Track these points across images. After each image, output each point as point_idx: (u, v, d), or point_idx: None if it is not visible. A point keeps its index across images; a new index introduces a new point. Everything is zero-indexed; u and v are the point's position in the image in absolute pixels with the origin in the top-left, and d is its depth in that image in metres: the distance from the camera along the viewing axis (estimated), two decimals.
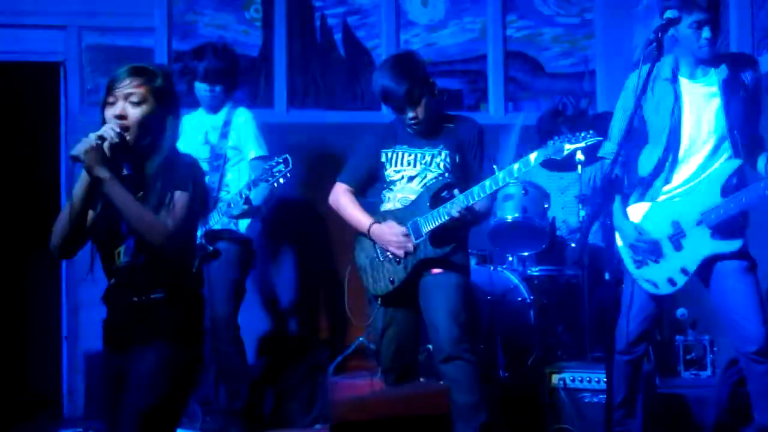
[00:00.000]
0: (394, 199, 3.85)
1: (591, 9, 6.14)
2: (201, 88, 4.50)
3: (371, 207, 3.91)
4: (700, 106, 3.39)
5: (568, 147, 3.49)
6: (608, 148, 3.61)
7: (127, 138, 2.60)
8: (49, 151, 5.64)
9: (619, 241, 3.54)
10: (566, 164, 4.96)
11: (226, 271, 4.34)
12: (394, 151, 3.86)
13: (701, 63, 3.40)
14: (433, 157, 3.80)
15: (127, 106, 2.61)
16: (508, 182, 3.65)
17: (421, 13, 6.03)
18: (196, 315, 2.73)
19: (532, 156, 3.54)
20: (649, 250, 3.42)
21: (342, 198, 3.95)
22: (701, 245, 3.33)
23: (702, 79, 3.41)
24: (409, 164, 3.82)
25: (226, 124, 4.48)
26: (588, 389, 3.99)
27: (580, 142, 3.48)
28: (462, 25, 6.05)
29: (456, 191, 3.69)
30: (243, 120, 4.52)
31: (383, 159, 3.87)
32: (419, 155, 3.81)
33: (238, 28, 5.83)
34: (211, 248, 4.26)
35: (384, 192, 3.90)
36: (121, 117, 2.60)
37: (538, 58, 6.11)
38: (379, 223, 3.79)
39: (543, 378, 4.08)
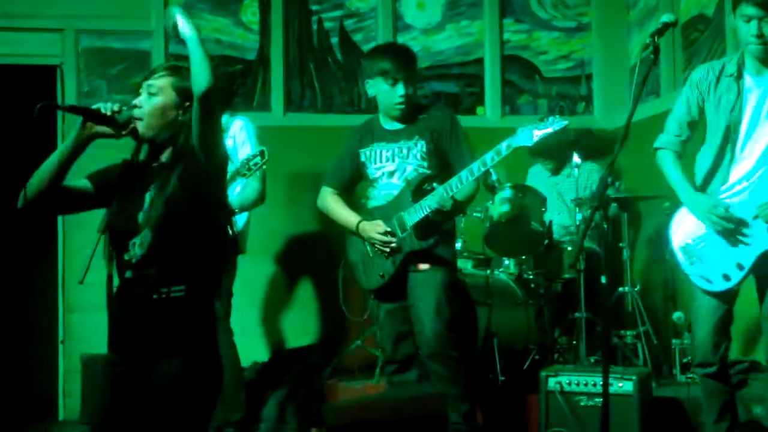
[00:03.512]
0: (378, 196, 3.96)
1: (587, 13, 6.16)
2: None
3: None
4: (761, 103, 3.36)
5: (537, 133, 3.53)
6: (663, 139, 3.58)
7: (138, 127, 2.56)
8: (46, 154, 5.63)
9: (674, 242, 3.51)
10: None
11: None
12: (371, 149, 3.98)
13: (765, 59, 3.36)
14: (409, 149, 3.89)
15: (144, 96, 2.60)
16: (483, 171, 3.67)
17: (417, 16, 6.04)
18: (215, 314, 2.65)
19: (504, 145, 3.59)
20: (725, 223, 3.31)
21: (328, 200, 4.08)
22: (757, 240, 3.29)
23: (766, 76, 3.38)
24: (387, 160, 3.93)
25: (223, 131, 4.46)
26: (584, 393, 3.99)
27: (548, 128, 3.51)
28: (458, 28, 6.06)
29: (435, 183, 3.76)
30: (239, 127, 4.49)
31: (363, 158, 4.00)
32: (396, 149, 3.92)
33: (234, 31, 5.83)
34: None
35: (369, 189, 4.03)
36: (135, 106, 2.58)
37: (535, 61, 6.12)
38: (367, 220, 3.89)
39: (539, 381, 4.08)
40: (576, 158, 4.95)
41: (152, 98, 2.59)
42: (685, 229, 3.48)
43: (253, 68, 5.85)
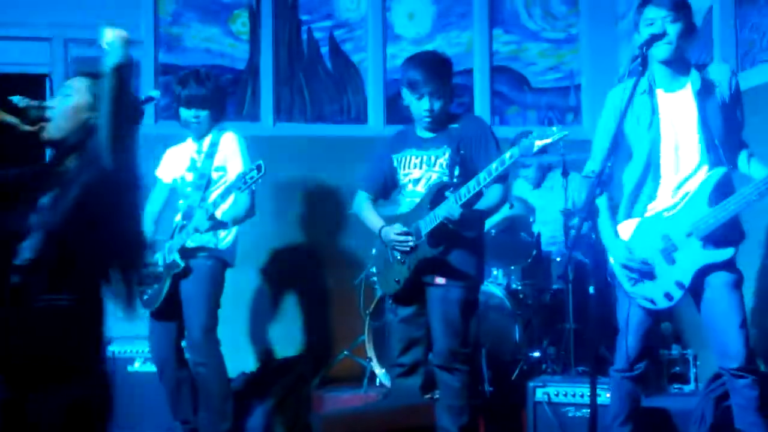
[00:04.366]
0: (404, 203, 4.00)
1: (576, 24, 6.18)
2: (185, 114, 4.44)
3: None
4: (678, 117, 3.37)
5: (538, 143, 3.51)
6: (590, 167, 3.62)
7: (48, 128, 2.54)
8: (35, 163, 5.61)
9: (611, 259, 3.54)
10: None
11: (201, 286, 4.30)
12: (403, 155, 4.01)
13: (676, 74, 3.38)
14: (436, 157, 3.92)
15: (59, 97, 2.59)
16: (489, 180, 3.66)
17: (407, 27, 6.05)
18: (102, 332, 2.51)
19: (507, 155, 3.60)
20: (641, 269, 3.41)
21: (361, 205, 4.14)
22: (694, 257, 3.31)
23: (678, 90, 3.38)
24: (415, 167, 3.96)
25: (213, 145, 4.42)
26: (572, 403, 3.99)
27: (548, 138, 3.50)
28: (448, 39, 6.07)
29: (449, 192, 3.77)
30: (229, 140, 4.44)
31: (395, 164, 4.04)
32: (425, 157, 3.95)
33: (224, 41, 5.84)
34: (182, 265, 4.24)
35: (398, 196, 4.07)
36: (48, 106, 2.58)
37: (524, 72, 6.14)
38: (388, 225, 3.94)
39: (527, 392, 4.08)
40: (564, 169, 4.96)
41: (66, 99, 2.58)
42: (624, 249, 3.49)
43: (243, 78, 5.85)
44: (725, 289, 3.31)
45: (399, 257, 3.91)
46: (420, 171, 3.95)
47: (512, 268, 5.00)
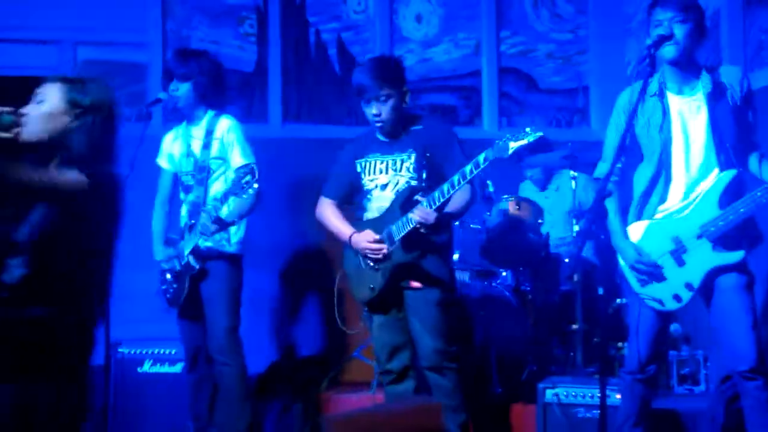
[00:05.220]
0: (371, 209, 3.96)
1: (584, 25, 6.18)
2: (169, 89, 4.36)
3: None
4: (689, 120, 3.37)
5: (513, 145, 3.49)
6: (602, 169, 3.61)
7: (22, 133, 2.56)
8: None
9: (621, 260, 3.53)
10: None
11: (219, 288, 4.30)
12: (366, 160, 3.97)
13: (687, 76, 3.38)
14: (402, 162, 3.89)
15: (32, 104, 2.62)
16: (464, 183, 3.62)
17: (415, 29, 6.06)
18: (85, 343, 2.56)
19: (482, 158, 3.56)
20: (651, 271, 3.40)
21: (325, 211, 4.09)
22: (704, 259, 3.31)
23: (688, 92, 3.38)
24: (380, 172, 3.93)
25: (209, 133, 4.32)
26: (582, 404, 3.98)
27: (523, 139, 3.48)
28: (456, 41, 6.08)
29: (421, 196, 3.74)
30: (226, 127, 4.33)
31: (358, 169, 3.99)
32: (390, 162, 3.91)
33: (232, 43, 5.85)
34: (198, 267, 4.23)
35: (364, 201, 4.02)
36: (22, 114, 2.60)
37: (532, 74, 6.14)
38: (358, 232, 3.89)
39: (537, 393, 4.08)
40: (572, 171, 4.96)
41: (38, 105, 2.60)
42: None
43: (251, 80, 5.86)
44: (735, 291, 3.30)
45: (372, 264, 3.86)
46: (386, 176, 3.91)
47: (521, 269, 4.99)
